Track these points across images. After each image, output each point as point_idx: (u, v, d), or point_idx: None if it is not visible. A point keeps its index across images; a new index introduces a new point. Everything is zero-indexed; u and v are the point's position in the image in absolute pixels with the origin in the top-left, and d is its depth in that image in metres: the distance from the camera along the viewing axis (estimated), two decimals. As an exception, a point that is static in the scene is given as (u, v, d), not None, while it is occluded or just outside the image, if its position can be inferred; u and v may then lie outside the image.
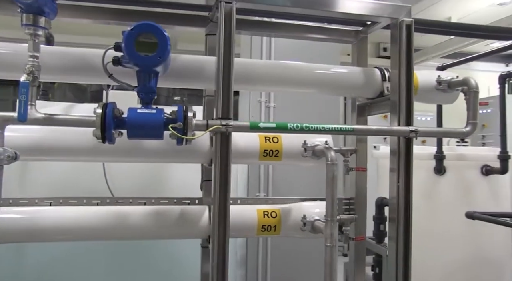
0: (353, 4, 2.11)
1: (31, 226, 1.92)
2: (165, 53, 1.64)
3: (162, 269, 2.70)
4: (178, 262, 2.72)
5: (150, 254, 2.68)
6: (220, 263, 1.85)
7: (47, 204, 2.12)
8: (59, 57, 1.89)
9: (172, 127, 1.69)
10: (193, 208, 2.12)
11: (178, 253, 2.72)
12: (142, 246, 2.61)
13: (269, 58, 3.72)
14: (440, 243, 3.57)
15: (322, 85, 2.24)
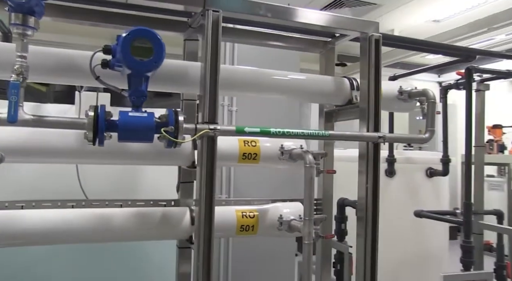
0: (327, 17, 2.26)
1: (9, 230, 1.86)
2: (161, 58, 1.69)
3: (138, 269, 2.70)
4: (154, 263, 2.73)
5: (126, 254, 2.66)
6: (205, 262, 1.91)
7: (19, 208, 2.06)
8: (45, 57, 1.85)
9: (164, 131, 1.73)
10: (174, 210, 2.16)
11: (154, 254, 2.73)
12: (119, 246, 2.59)
13: (232, 63, 3.81)
14: (390, 240, 3.85)
15: (296, 91, 2.37)
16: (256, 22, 2.36)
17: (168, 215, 2.11)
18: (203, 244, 1.90)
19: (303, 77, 2.38)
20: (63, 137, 1.92)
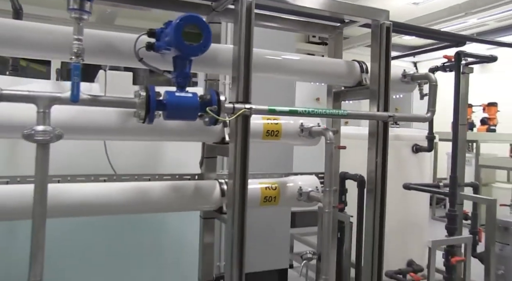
0: (341, 4, 2.45)
1: (56, 202, 1.98)
2: (209, 43, 1.83)
3: (159, 241, 2.86)
4: (172, 234, 2.90)
5: (147, 227, 2.82)
6: (240, 229, 2.10)
7: (55, 182, 2.18)
8: (87, 39, 1.95)
9: (209, 109, 1.89)
10: (204, 183, 2.34)
11: (172, 226, 2.90)
12: (139, 219, 2.74)
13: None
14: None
15: (313, 73, 2.56)
16: (272, 7, 2.51)
17: (200, 188, 2.28)
18: (238, 213, 2.10)
19: (320, 60, 2.57)
20: (106, 115, 2.04)
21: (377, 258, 2.50)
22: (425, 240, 4.69)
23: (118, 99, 1.85)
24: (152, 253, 2.89)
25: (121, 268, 2.79)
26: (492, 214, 3.54)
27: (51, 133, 1.68)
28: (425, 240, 4.69)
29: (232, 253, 2.11)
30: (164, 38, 1.88)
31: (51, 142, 1.69)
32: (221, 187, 2.31)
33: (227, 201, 2.20)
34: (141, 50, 1.96)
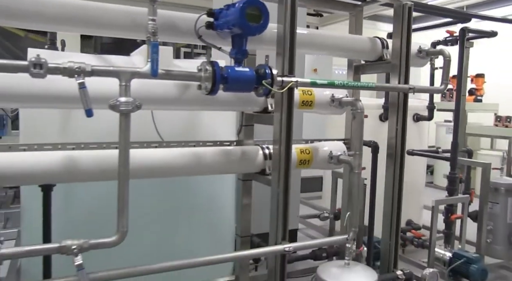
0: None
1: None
2: (267, 23, 2.06)
3: (198, 203, 3.12)
4: (211, 197, 3.17)
5: (188, 190, 3.07)
6: (284, 188, 2.40)
7: (113, 148, 2.41)
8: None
9: (265, 82, 2.14)
10: (250, 148, 2.61)
11: (206, 188, 3.17)
12: (181, 183, 2.98)
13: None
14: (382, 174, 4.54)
15: (341, 49, 2.82)
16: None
17: (246, 152, 2.56)
18: (283, 174, 2.39)
19: (347, 37, 2.82)
20: (165, 87, 2.26)
21: (396, 212, 2.86)
22: (422, 203, 5.15)
23: (187, 73, 2.08)
24: (189, 212, 3.16)
25: (164, 226, 3.06)
26: (487, 176, 3.93)
27: (132, 104, 1.90)
28: (422, 203, 5.15)
29: (278, 209, 2.42)
30: (223, 18, 2.10)
31: (132, 111, 1.92)
32: (264, 152, 2.59)
33: (273, 164, 2.48)
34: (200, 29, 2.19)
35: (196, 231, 3.22)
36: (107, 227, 1.99)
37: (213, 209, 3.26)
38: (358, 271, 2.22)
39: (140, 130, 2.78)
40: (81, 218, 2.82)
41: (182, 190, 3.11)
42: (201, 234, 3.25)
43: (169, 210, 3.11)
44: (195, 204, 3.19)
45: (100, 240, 1.90)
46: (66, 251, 1.82)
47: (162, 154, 2.33)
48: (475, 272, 3.48)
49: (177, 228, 3.16)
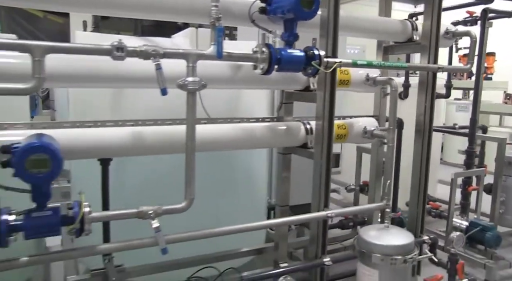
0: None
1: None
2: (318, 9, 2.25)
3: (236, 176, 3.35)
4: (246, 170, 3.40)
5: (227, 164, 3.28)
6: (327, 160, 2.63)
7: (168, 124, 2.62)
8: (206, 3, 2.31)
9: (315, 63, 2.34)
10: (293, 124, 2.82)
11: (246, 163, 3.39)
12: (221, 158, 3.19)
13: None
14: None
15: (375, 31, 3.01)
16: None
17: (290, 128, 2.78)
18: (326, 147, 2.62)
19: (380, 19, 3.00)
20: (220, 68, 2.46)
21: (423, 183, 3.09)
22: (437, 177, 5.40)
23: (246, 54, 2.28)
24: (228, 185, 3.39)
25: (207, 197, 3.29)
26: (502, 150, 4.16)
27: (199, 83, 2.11)
28: (437, 177, 5.40)
29: (320, 179, 2.65)
30: (276, 4, 2.29)
31: (198, 90, 2.13)
32: (305, 127, 2.80)
33: (315, 138, 2.70)
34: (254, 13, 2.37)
35: (234, 201, 3.45)
36: (151, 199, 2.15)
37: (248, 181, 3.50)
38: (396, 232, 2.46)
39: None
40: (129, 192, 3.05)
41: (223, 164, 3.34)
42: (238, 204, 3.49)
43: (211, 183, 3.34)
44: (233, 177, 3.43)
45: (172, 207, 2.13)
46: (143, 215, 2.05)
47: (218, 129, 2.55)
48: (490, 238, 3.74)
49: (218, 199, 3.39)
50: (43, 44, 1.78)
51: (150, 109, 2.93)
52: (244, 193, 3.51)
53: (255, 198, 3.58)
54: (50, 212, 1.86)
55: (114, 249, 2.10)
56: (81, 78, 2.14)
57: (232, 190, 3.45)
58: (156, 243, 2.06)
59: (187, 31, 3.10)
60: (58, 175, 1.79)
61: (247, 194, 3.53)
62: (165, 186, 3.09)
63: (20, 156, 1.69)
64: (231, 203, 3.43)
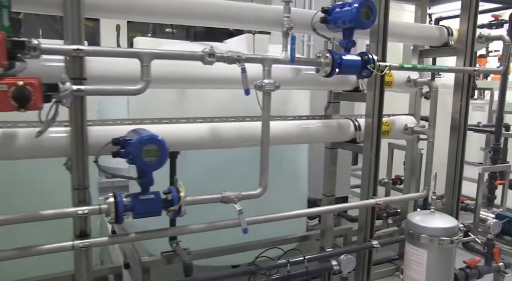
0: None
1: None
2: (375, 19, 2.55)
3: (282, 169, 3.64)
4: (291, 163, 3.70)
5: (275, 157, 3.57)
6: (377, 153, 2.93)
7: (231, 121, 2.93)
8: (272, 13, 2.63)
9: (370, 66, 2.64)
10: (343, 121, 3.12)
11: (290, 156, 3.69)
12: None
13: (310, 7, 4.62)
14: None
15: (415, 37, 3.30)
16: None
17: (342, 124, 3.08)
18: (375, 142, 2.92)
19: (418, 26, 3.30)
20: (283, 71, 2.76)
21: (458, 176, 3.38)
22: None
23: (312, 59, 2.59)
24: (276, 176, 3.69)
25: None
26: (526, 146, 4.45)
27: (274, 85, 2.41)
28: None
29: (370, 170, 2.95)
30: (336, 15, 2.59)
31: (273, 91, 2.43)
32: (354, 124, 3.11)
33: (365, 133, 3.00)
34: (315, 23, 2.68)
35: (279, 194, 3.75)
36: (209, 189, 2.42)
37: (293, 174, 3.80)
38: (441, 217, 2.75)
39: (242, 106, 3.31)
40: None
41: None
42: (283, 197, 3.79)
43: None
44: (280, 169, 3.73)
45: (250, 192, 2.44)
46: (227, 200, 2.36)
47: (281, 125, 2.85)
48: (518, 229, 4.03)
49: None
50: (150, 52, 2.09)
51: (206, 107, 3.25)
52: (289, 184, 3.81)
53: (297, 191, 3.87)
54: (153, 196, 2.18)
55: (202, 230, 2.39)
56: (173, 80, 2.45)
57: (278, 183, 3.75)
58: (238, 224, 2.37)
59: (244, 36, 3.39)
60: (164, 163, 2.10)
61: (291, 185, 3.82)
62: (220, 177, 3.41)
63: (137, 147, 2.00)
64: (277, 195, 3.72)
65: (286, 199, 3.72)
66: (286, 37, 2.45)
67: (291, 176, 3.82)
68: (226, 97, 3.28)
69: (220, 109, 3.23)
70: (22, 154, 2.20)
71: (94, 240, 2.18)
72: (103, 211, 2.07)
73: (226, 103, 3.31)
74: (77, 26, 2.06)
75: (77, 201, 2.15)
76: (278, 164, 3.70)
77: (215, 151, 2.96)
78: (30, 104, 1.71)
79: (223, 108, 3.26)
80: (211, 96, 3.24)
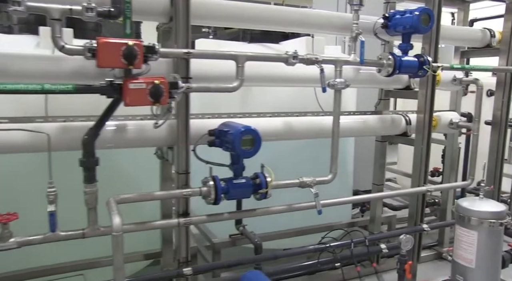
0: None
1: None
2: (433, 25, 2.85)
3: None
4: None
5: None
6: (426, 145, 3.24)
7: (294, 116, 3.25)
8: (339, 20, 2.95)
9: (426, 67, 2.95)
10: (396, 116, 3.43)
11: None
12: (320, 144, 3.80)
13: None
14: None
15: (460, 39, 3.60)
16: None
17: (394, 119, 3.40)
18: (427, 135, 3.23)
19: (463, 29, 3.60)
20: (346, 70, 3.07)
21: (500, 167, 3.68)
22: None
23: (376, 60, 2.90)
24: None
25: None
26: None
27: (344, 83, 2.72)
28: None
29: (421, 160, 3.26)
30: (396, 21, 2.89)
31: (343, 89, 2.74)
32: (405, 119, 3.42)
33: (417, 127, 3.31)
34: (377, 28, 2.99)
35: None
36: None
37: (342, 165, 4.11)
38: (489, 202, 3.04)
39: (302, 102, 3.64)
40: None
41: (321, 149, 3.95)
42: (333, 184, 4.10)
43: (313, 166, 3.97)
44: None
45: (323, 178, 2.76)
46: (304, 184, 2.68)
47: (343, 119, 3.16)
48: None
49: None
50: (245, 54, 2.42)
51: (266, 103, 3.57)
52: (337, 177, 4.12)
53: (344, 182, 4.18)
54: (245, 180, 2.51)
55: (283, 211, 2.72)
56: (260, 78, 2.78)
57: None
58: (312, 206, 2.70)
59: (303, 39, 3.70)
60: (258, 151, 2.42)
61: (338, 178, 4.12)
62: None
63: (238, 137, 2.33)
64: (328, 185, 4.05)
65: (335, 189, 4.04)
66: (355, 41, 2.77)
67: (340, 167, 4.13)
68: (284, 94, 3.61)
69: (278, 104, 3.57)
70: (131, 144, 2.54)
71: (195, 218, 2.52)
72: (204, 193, 2.41)
73: (284, 99, 3.64)
74: (185, 33, 2.38)
75: (181, 184, 2.49)
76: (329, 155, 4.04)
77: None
78: (162, 99, 2.05)
79: (281, 104, 3.60)
80: (272, 94, 3.58)
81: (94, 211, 2.20)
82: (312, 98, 3.70)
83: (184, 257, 2.55)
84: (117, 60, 1.94)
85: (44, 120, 2.44)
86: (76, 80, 2.23)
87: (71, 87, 2.03)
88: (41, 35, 2.77)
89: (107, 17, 2.11)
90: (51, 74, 2.30)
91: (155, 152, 2.90)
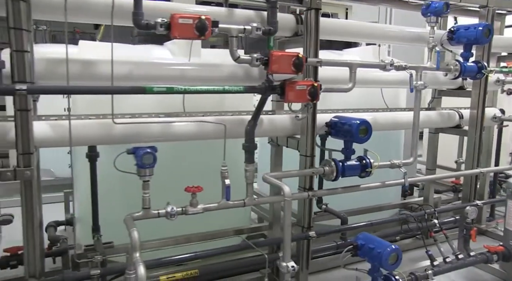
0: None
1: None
2: (493, 36, 3.56)
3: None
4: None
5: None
6: (479, 135, 3.95)
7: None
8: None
9: (484, 71, 3.65)
10: (450, 111, 4.13)
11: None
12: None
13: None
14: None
15: (503, 46, 4.34)
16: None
17: (450, 114, 4.10)
18: (479, 126, 3.94)
19: (507, 38, 4.34)
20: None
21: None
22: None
23: (445, 65, 3.58)
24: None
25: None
26: None
27: (423, 85, 3.39)
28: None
29: (475, 147, 3.97)
30: (461, 34, 3.59)
31: (422, 89, 3.42)
32: (458, 114, 4.13)
33: (470, 121, 4.01)
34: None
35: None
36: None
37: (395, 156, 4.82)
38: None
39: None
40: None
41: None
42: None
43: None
44: (386, 150, 4.74)
45: (407, 161, 3.44)
46: (395, 166, 3.35)
47: (406, 115, 3.84)
48: None
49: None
50: (357, 62, 3.09)
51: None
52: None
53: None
54: (355, 161, 3.16)
55: (377, 187, 3.38)
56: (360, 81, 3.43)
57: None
58: (402, 183, 3.38)
59: (370, 47, 4.39)
60: (369, 139, 3.07)
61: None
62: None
63: (357, 127, 2.98)
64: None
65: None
66: (431, 52, 3.46)
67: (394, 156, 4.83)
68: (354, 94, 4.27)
69: (349, 102, 4.23)
70: (265, 134, 3.19)
71: (318, 191, 3.18)
72: (326, 172, 3.05)
73: (354, 98, 4.30)
74: (315, 46, 3.03)
75: (307, 165, 3.12)
76: (384, 145, 4.73)
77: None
78: (317, 97, 2.71)
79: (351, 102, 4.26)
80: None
81: (251, 185, 2.82)
82: (375, 98, 4.40)
83: (308, 223, 3.20)
84: (288, 68, 2.58)
85: (183, 115, 2.99)
86: (228, 83, 2.85)
87: (242, 88, 2.67)
88: (175, 46, 3.41)
89: (267, 34, 2.76)
90: (211, 78, 2.94)
91: (269, 141, 3.54)
